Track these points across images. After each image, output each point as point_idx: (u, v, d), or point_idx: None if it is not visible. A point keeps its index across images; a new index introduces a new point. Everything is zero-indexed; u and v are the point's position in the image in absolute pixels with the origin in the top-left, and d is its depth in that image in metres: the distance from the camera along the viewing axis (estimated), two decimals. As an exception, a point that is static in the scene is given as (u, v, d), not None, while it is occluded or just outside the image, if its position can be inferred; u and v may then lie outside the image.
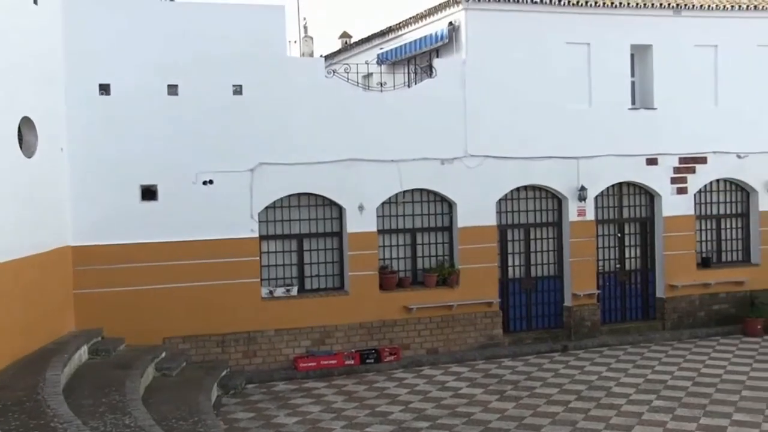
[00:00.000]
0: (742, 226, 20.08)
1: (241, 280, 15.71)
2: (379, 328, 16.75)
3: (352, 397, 14.49)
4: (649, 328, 18.93)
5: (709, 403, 13.56)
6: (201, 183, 15.52)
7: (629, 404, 13.61)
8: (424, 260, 17.44)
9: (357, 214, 16.61)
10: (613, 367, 16.30)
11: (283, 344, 16.10)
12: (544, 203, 18.40)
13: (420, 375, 16.01)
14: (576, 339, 18.13)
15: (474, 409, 13.58)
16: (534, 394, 14.39)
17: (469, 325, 17.36)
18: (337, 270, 16.83)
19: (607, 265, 18.97)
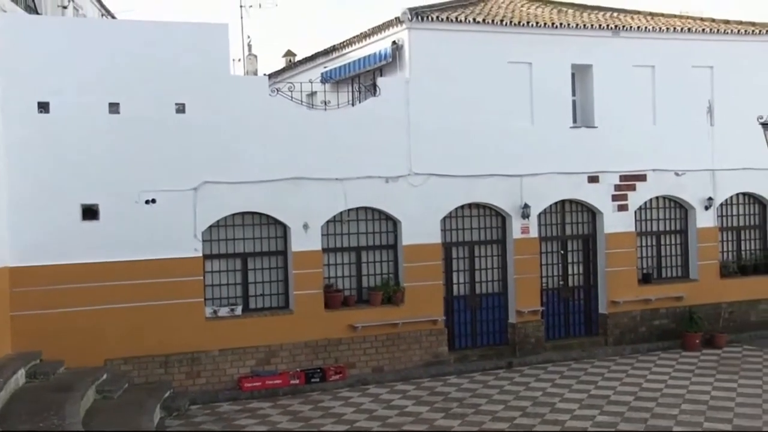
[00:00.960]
0: (681, 243, 20.48)
1: (184, 300, 15.51)
2: (325, 347, 16.67)
3: (297, 417, 14.39)
4: (592, 344, 19.15)
5: (650, 417, 13.76)
6: (144, 202, 15.32)
7: (573, 420, 13.74)
8: (369, 278, 17.44)
9: (302, 233, 16.55)
10: (557, 382, 16.45)
11: (228, 364, 15.92)
12: (488, 221, 18.56)
13: (365, 393, 15.97)
14: (521, 355, 18.26)
15: (420, 427, 13.58)
16: (479, 411, 14.45)
17: (415, 342, 17.38)
18: (282, 289, 16.73)
19: (551, 282, 19.19)
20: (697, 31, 19.94)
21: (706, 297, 19.99)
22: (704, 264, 20.24)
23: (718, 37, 20.14)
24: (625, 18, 19.90)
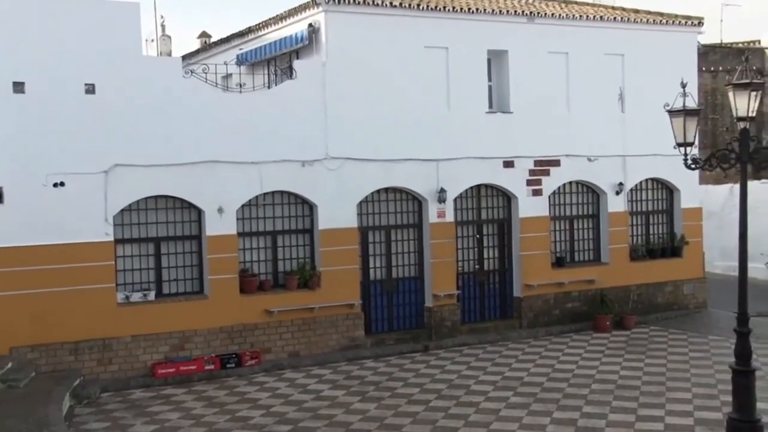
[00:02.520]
0: (593, 227, 20.92)
1: (95, 286, 15.12)
2: (240, 332, 16.48)
3: (213, 403, 14.20)
4: (506, 327, 19.43)
5: (562, 397, 14.04)
6: (51, 185, 14.84)
7: (487, 401, 13.91)
8: (285, 263, 17.30)
9: (216, 217, 16.30)
10: (472, 365, 16.64)
11: (141, 350, 15.60)
12: (405, 205, 18.60)
13: (281, 378, 15.87)
14: (437, 339, 18.41)
15: (336, 411, 13.56)
16: (395, 395, 14.51)
17: (331, 327, 17.34)
18: (196, 274, 16.46)
19: (467, 266, 19.37)
20: (609, 20, 20.36)
21: (617, 280, 20.50)
22: (615, 248, 20.75)
23: (629, 26, 20.61)
24: (540, 5, 20.16)
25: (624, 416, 12.77)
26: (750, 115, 11.20)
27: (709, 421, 12.38)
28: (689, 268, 21.67)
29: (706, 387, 14.42)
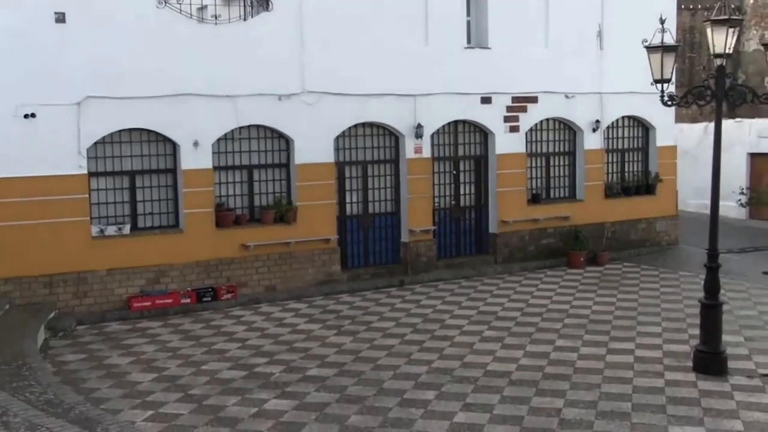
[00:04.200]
0: (569, 164, 20.99)
1: (68, 219, 15.01)
2: (216, 266, 16.50)
3: (189, 336, 14.28)
4: (482, 263, 19.59)
5: (535, 331, 14.24)
6: (22, 116, 14.61)
7: (462, 335, 14.09)
8: (261, 197, 17.24)
9: (192, 151, 16.17)
10: (447, 300, 16.81)
11: (116, 284, 15.59)
12: (382, 140, 18.54)
13: (258, 312, 15.96)
14: (412, 274, 18.54)
15: (312, 344, 13.68)
16: (371, 328, 14.65)
17: (307, 262, 17.40)
18: (172, 207, 16.38)
19: (443, 202, 19.43)
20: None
21: (591, 217, 20.67)
22: (590, 185, 20.86)
23: (609, -39, 20.41)
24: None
25: (596, 349, 13.00)
26: (727, 51, 11.21)
27: (677, 354, 12.64)
28: (663, 206, 21.89)
29: (675, 321, 14.69)
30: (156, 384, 11.63)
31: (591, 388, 11.12)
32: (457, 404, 10.60)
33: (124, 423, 9.72)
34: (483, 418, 10.10)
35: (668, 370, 11.87)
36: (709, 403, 10.45)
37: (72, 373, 12.14)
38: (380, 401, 10.79)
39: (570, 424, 9.86)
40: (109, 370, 12.30)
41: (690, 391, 10.95)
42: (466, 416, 10.16)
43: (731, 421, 9.86)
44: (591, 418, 10.01)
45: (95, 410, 9.97)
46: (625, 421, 9.89)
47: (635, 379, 11.47)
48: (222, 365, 12.51)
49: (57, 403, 9.71)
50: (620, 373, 11.75)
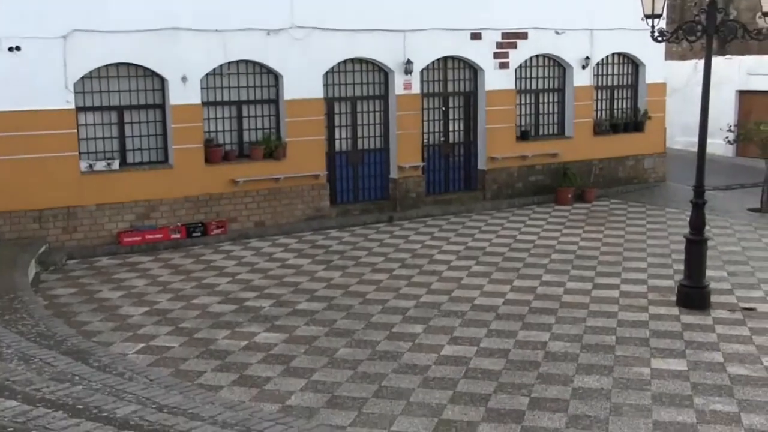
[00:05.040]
0: (558, 101, 20.95)
1: (57, 154, 14.95)
2: (206, 201, 16.54)
3: (179, 271, 14.39)
4: (470, 199, 19.69)
5: (522, 266, 14.40)
6: (6, 49, 14.43)
7: (450, 270, 14.24)
8: (250, 133, 17.20)
9: (180, 86, 16.06)
10: (436, 236, 16.94)
11: (106, 219, 15.63)
12: (371, 76, 18.43)
13: (247, 247, 16.06)
14: (401, 210, 18.63)
15: (301, 278, 13.81)
16: (360, 263, 14.78)
17: (297, 197, 17.45)
18: (161, 143, 16.33)
19: (432, 138, 19.42)
20: None
21: (580, 154, 20.73)
22: (579, 122, 20.86)
23: None
24: None
25: (582, 284, 13.18)
26: (719, -14, 11.13)
27: (661, 288, 12.84)
28: (651, 143, 21.95)
29: (660, 257, 14.87)
30: (147, 317, 11.76)
31: (576, 322, 11.31)
32: (444, 338, 10.78)
33: (116, 355, 9.86)
34: (470, 351, 10.28)
35: (652, 304, 12.07)
36: (691, 336, 10.66)
37: (63, 307, 12.26)
38: (368, 335, 10.95)
39: (555, 356, 10.05)
40: (100, 304, 12.43)
41: (673, 324, 11.15)
42: (453, 349, 10.34)
43: (712, 353, 10.08)
44: (576, 351, 10.20)
45: (87, 342, 10.10)
46: (609, 354, 10.09)
47: (620, 313, 11.66)
48: (212, 299, 12.64)
49: (49, 336, 9.82)
50: (605, 308, 11.94)
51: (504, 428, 8.09)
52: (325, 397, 8.91)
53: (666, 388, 9.02)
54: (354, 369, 9.71)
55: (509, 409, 8.54)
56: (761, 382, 9.14)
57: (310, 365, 9.85)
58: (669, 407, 8.51)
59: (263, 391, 9.09)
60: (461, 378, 9.39)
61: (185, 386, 8.71)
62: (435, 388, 9.11)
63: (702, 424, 8.13)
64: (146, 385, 7.93)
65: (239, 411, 7.32)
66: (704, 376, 9.32)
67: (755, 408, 8.49)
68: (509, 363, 9.85)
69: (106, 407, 5.85)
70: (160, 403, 6.63)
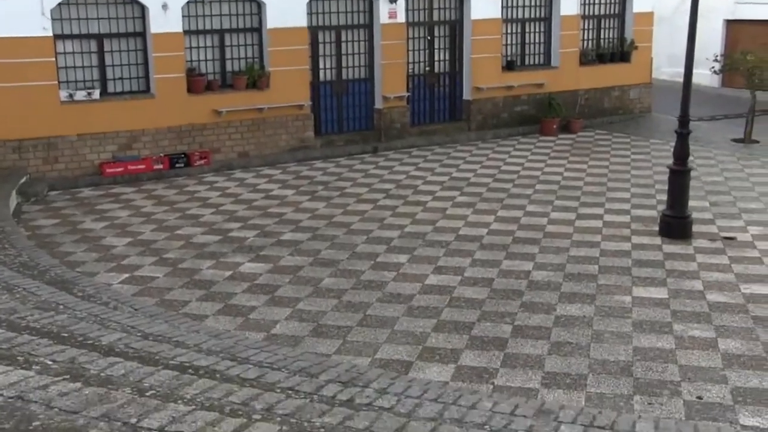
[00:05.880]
0: (544, 30, 20.72)
1: (35, 83, 14.70)
2: (189, 132, 16.38)
3: (162, 202, 14.33)
4: (455, 129, 19.59)
5: (506, 197, 14.42)
6: (-19, -25, 14.12)
7: (434, 201, 14.25)
8: (233, 63, 16.96)
9: (161, 14, 15.75)
10: (420, 166, 16.90)
11: (87, 150, 15.47)
12: (356, 5, 18.12)
13: (231, 178, 15.99)
14: (386, 140, 18.54)
15: (286, 209, 13.80)
16: (344, 194, 14.76)
17: (281, 128, 17.31)
18: (142, 72, 16.09)
19: (417, 68, 19.22)
20: None
21: (565, 84, 20.59)
22: (565, 52, 20.67)
23: None
24: None
25: (565, 214, 13.23)
26: None
27: (644, 218, 12.91)
28: (637, 74, 21.81)
29: (644, 187, 14.92)
30: (131, 248, 11.75)
31: (559, 252, 11.38)
32: (428, 267, 10.83)
33: (101, 285, 9.84)
34: (454, 280, 10.35)
35: (635, 234, 12.15)
36: (672, 265, 10.76)
37: (46, 237, 12.22)
38: (353, 264, 10.99)
39: (538, 285, 10.14)
40: (83, 235, 12.38)
41: (655, 254, 11.24)
42: (437, 279, 10.41)
43: (692, 281, 10.19)
44: (559, 280, 10.29)
45: (71, 273, 10.07)
46: (591, 283, 10.18)
47: (603, 243, 11.74)
48: (196, 230, 12.62)
49: (32, 266, 9.79)
50: (588, 237, 12.01)
51: (487, 355, 8.19)
52: (310, 325, 8.97)
53: (646, 315, 9.14)
54: (339, 298, 9.77)
55: (492, 336, 8.64)
56: (738, 309, 9.27)
57: (294, 295, 9.90)
58: (649, 334, 8.64)
59: (248, 320, 9.15)
60: (445, 307, 9.47)
61: (170, 315, 8.74)
62: (419, 316, 9.19)
63: (680, 349, 8.26)
64: (131, 314, 7.93)
65: (224, 339, 7.35)
66: (684, 304, 9.44)
67: (731, 333, 8.63)
68: (493, 292, 9.93)
69: (92, 335, 5.85)
70: (145, 332, 6.64)
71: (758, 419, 6.90)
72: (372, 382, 5.75)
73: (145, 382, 4.41)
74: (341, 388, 5.10)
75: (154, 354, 5.49)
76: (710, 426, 6.21)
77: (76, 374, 4.37)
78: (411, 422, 4.06)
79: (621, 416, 5.58)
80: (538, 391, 7.44)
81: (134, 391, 4.04)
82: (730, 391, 7.39)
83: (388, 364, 7.98)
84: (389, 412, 4.46)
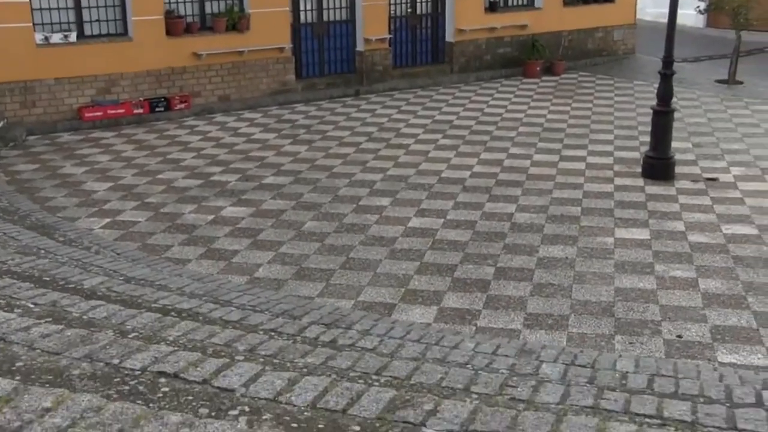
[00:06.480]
0: (528, -30, 20.48)
1: (8, 25, 14.37)
2: (168, 75, 16.15)
3: (143, 146, 14.19)
4: (438, 72, 19.42)
5: (489, 139, 14.38)
6: None
7: (417, 143, 14.19)
8: (212, 4, 16.63)
9: (136, -47, 15.43)
10: (403, 109, 16.80)
11: (65, 94, 15.23)
12: (336, -56, 17.83)
13: (212, 122, 15.83)
14: (368, 83, 18.37)
15: (267, 153, 13.70)
16: (326, 138, 14.66)
17: (261, 71, 17.10)
18: (120, 14, 15.76)
19: (399, 10, 18.97)
20: None
21: (549, 25, 20.39)
22: (545, -9, 20.46)
23: None
24: None
25: (548, 156, 13.22)
26: None
27: (627, 160, 12.92)
28: (621, 14, 21.63)
29: (627, 129, 14.91)
30: (112, 193, 11.66)
31: (542, 194, 11.40)
32: (411, 210, 10.83)
33: (82, 230, 9.80)
34: (437, 223, 10.35)
35: (618, 175, 12.17)
36: (654, 207, 10.81)
37: (26, 183, 12.10)
38: (336, 208, 10.97)
39: (521, 227, 10.16)
40: (63, 180, 12.27)
41: (638, 195, 11.28)
42: (420, 221, 10.41)
43: (674, 222, 10.25)
44: (542, 222, 10.32)
45: (52, 218, 10.03)
46: (573, 225, 10.22)
47: (586, 185, 11.75)
48: (177, 174, 12.53)
49: (12, 211, 9.72)
50: (571, 179, 12.02)
51: (470, 297, 8.24)
52: (292, 269, 8.98)
53: (628, 256, 9.19)
54: (321, 241, 9.76)
55: (475, 278, 8.68)
56: (719, 249, 9.35)
57: (277, 238, 9.88)
58: (631, 274, 8.70)
59: (231, 264, 9.13)
60: (428, 249, 9.49)
61: (152, 260, 8.74)
62: (402, 259, 9.21)
63: (661, 290, 8.33)
64: (113, 259, 7.92)
65: (207, 283, 7.36)
66: (665, 245, 9.50)
67: (712, 273, 8.71)
68: (475, 234, 9.95)
69: (73, 279, 5.82)
70: (127, 275, 6.62)
71: (736, 356, 7.00)
72: (355, 323, 5.78)
73: (127, 324, 4.41)
74: (324, 329, 5.12)
75: (137, 297, 5.48)
76: (689, 363, 6.28)
77: (58, 317, 4.35)
78: (393, 362, 4.08)
79: (602, 355, 5.65)
80: (521, 332, 7.50)
81: (117, 333, 4.03)
82: (710, 329, 7.48)
83: (371, 307, 8.01)
84: (372, 353, 4.48)
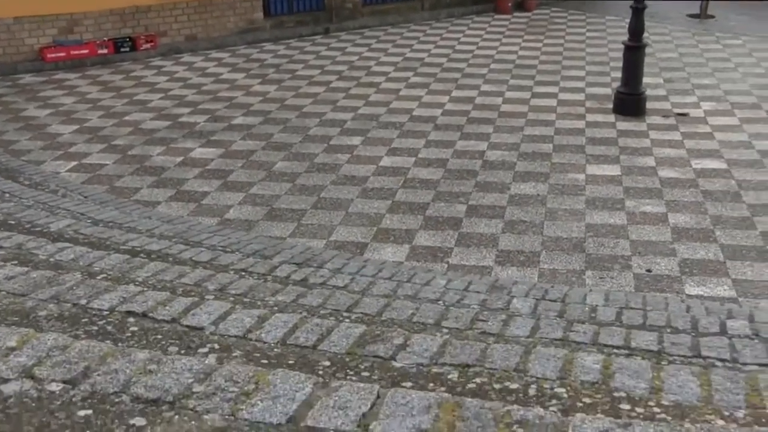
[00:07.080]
0: None
1: (-33, -36, 14.00)
2: (132, 14, 15.78)
3: (108, 87, 13.92)
4: (408, 9, 19.14)
5: (461, 77, 14.25)
6: None
7: (388, 82, 14.04)
8: (176, -60, 16.25)
9: None
10: (373, 47, 16.58)
11: (26, 34, 14.85)
12: None
13: (179, 62, 15.54)
14: (338, 21, 18.08)
15: (236, 93, 13.50)
16: (296, 77, 14.46)
17: (229, 9, 16.76)
18: (80, -49, 15.36)
19: (368, -55, 18.64)
20: None
21: (520, -40, 20.14)
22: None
23: None
24: None
25: (520, 93, 13.14)
26: None
27: (598, 96, 12.88)
28: (593, -51, 21.38)
29: (598, 65, 14.83)
30: (78, 135, 11.45)
31: (514, 131, 11.35)
32: (382, 149, 10.75)
33: (48, 173, 9.64)
34: (408, 161, 10.30)
35: (589, 112, 12.13)
36: (626, 142, 10.81)
37: (-11, 126, 11.86)
38: (306, 147, 10.87)
39: (493, 165, 10.13)
40: (27, 123, 12.03)
41: (609, 131, 11.27)
42: (391, 160, 10.34)
43: (645, 158, 10.27)
44: (513, 159, 10.30)
45: (16, 161, 9.85)
46: (545, 162, 10.20)
47: (557, 122, 11.72)
48: (145, 116, 12.33)
49: (-25, 155, 9.54)
50: (543, 116, 11.97)
51: (442, 235, 8.23)
52: (263, 209, 8.91)
53: (599, 192, 9.22)
54: (292, 182, 9.69)
55: (447, 216, 8.67)
56: (688, 184, 9.39)
57: (247, 179, 9.79)
58: (602, 210, 8.73)
59: (201, 205, 9.05)
60: (399, 188, 9.45)
61: (121, 202, 8.63)
62: (373, 198, 9.17)
63: (632, 225, 8.38)
64: (80, 202, 7.80)
65: (177, 224, 7.28)
66: (636, 180, 9.53)
67: (681, 208, 8.76)
68: (447, 172, 9.91)
69: (39, 222, 5.73)
70: (95, 218, 6.53)
71: (702, 288, 7.08)
72: (326, 262, 5.76)
73: (95, 266, 4.35)
74: (295, 268, 5.09)
75: (105, 239, 5.41)
76: (657, 297, 6.34)
77: (24, 259, 4.29)
78: (364, 299, 4.07)
79: (572, 290, 5.68)
80: (492, 269, 7.52)
81: (84, 274, 3.97)
82: (678, 263, 7.55)
83: (343, 246, 7.99)
84: (343, 290, 4.47)
